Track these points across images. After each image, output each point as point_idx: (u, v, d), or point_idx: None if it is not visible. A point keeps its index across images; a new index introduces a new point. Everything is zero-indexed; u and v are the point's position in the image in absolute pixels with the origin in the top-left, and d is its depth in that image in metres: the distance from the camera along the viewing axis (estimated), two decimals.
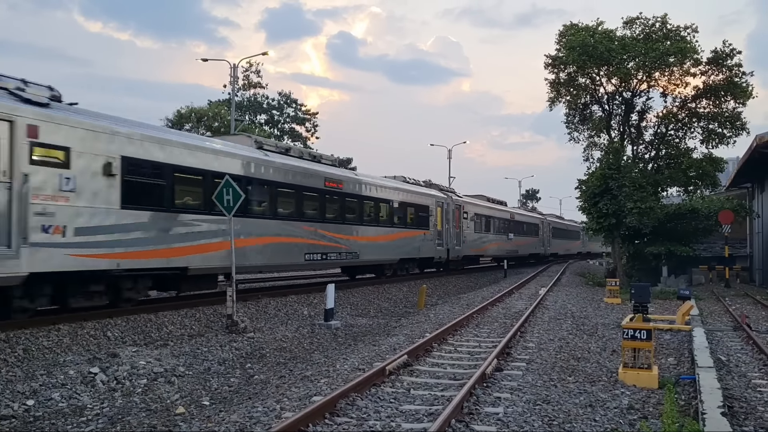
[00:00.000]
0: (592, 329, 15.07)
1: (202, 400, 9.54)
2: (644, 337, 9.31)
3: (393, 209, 25.78)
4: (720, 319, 17.55)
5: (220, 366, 11.78)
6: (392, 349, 11.63)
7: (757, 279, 36.08)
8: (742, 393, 8.83)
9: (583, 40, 28.98)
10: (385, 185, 25.80)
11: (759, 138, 25.21)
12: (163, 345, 12.78)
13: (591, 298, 22.90)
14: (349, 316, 18.63)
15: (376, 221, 24.74)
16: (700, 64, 29.52)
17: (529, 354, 11.40)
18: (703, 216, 29.71)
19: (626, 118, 32.11)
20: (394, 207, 25.86)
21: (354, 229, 22.97)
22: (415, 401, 7.99)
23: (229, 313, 14.55)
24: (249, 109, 69.68)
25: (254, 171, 17.71)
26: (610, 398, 8.44)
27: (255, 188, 17.76)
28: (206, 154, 16.04)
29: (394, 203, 25.99)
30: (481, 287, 30.10)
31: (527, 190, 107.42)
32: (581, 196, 29.42)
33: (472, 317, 16.23)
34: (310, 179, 20.31)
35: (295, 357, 12.76)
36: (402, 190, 26.99)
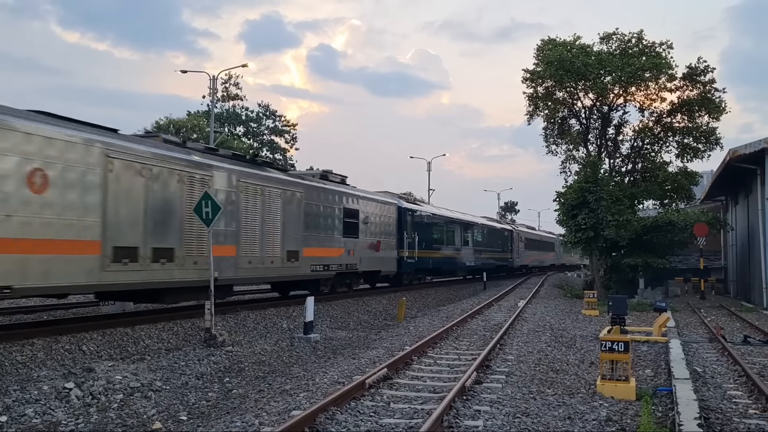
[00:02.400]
0: (570, 341, 15.17)
1: (179, 415, 9.42)
2: (622, 349, 9.40)
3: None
4: (696, 331, 17.77)
5: (198, 380, 11.64)
6: (372, 362, 11.59)
7: (731, 291, 36.64)
8: (717, 404, 8.93)
9: (560, 54, 29.37)
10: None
11: (732, 152, 25.70)
12: (140, 359, 12.60)
13: (569, 311, 23.07)
14: (329, 329, 18.55)
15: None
16: (675, 80, 30.05)
17: (508, 366, 11.44)
18: (678, 228, 30.14)
19: (603, 131, 32.54)
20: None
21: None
22: (395, 415, 7.97)
23: (207, 326, 14.41)
24: (228, 120, 69.44)
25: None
26: (588, 410, 8.48)
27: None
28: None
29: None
30: (460, 299, 30.16)
31: (506, 203, 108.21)
32: (559, 208, 29.69)
33: (452, 330, 16.25)
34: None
35: (274, 371, 12.66)
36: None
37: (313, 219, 21.45)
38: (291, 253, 19.95)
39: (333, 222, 22.94)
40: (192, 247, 15.58)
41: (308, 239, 20.99)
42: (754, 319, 20.70)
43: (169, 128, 61.59)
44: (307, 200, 21.08)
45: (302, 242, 20.65)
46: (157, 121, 62.42)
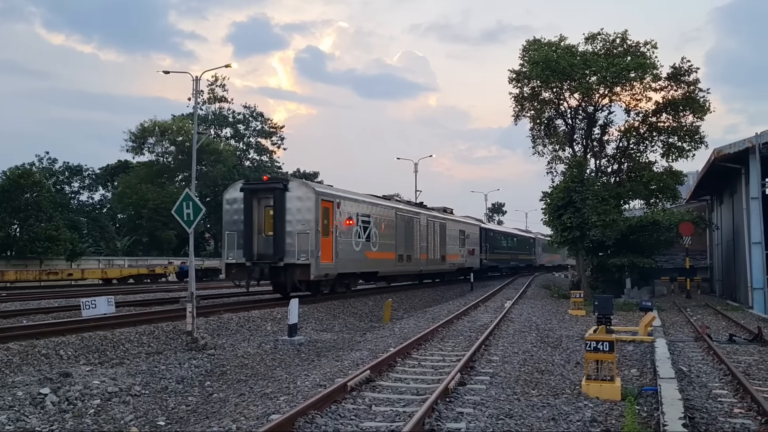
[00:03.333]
0: (556, 341, 15.08)
1: (157, 421, 9.23)
2: (607, 349, 9.29)
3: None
4: (681, 330, 17.75)
5: (178, 384, 11.43)
6: (355, 364, 11.43)
7: (717, 290, 36.79)
8: (702, 403, 8.85)
9: (545, 55, 29.37)
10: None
11: (717, 152, 25.77)
12: (119, 363, 12.39)
13: (556, 311, 23.01)
14: (314, 331, 18.36)
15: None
16: (659, 80, 30.13)
17: (493, 367, 11.31)
18: (664, 228, 30.21)
19: (589, 132, 32.58)
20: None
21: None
22: (376, 418, 7.81)
23: (188, 329, 14.21)
24: (214, 122, 69.02)
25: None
26: (573, 411, 8.37)
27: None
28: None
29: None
30: (447, 300, 30.07)
31: (493, 204, 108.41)
32: (545, 209, 29.69)
33: (437, 331, 16.12)
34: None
35: (257, 374, 12.46)
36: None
37: (447, 237, 37.50)
38: (456, 256, 39.44)
39: (455, 238, 39.40)
40: (413, 252, 31.71)
41: (449, 249, 37.94)
42: (739, 317, 20.74)
43: (154, 130, 61.22)
44: (448, 226, 37.96)
45: (457, 250, 39.70)
46: (141, 123, 62.00)
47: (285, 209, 21.68)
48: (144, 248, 60.17)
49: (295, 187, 22.20)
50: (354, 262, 25.21)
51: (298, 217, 21.69)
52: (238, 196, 22.55)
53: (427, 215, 34.19)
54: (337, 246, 23.25)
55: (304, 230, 21.51)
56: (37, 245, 43.30)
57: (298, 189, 22.12)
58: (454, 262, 38.67)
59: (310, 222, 21.57)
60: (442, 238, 36.04)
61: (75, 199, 63.25)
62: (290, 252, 21.50)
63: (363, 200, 26.45)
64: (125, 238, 61.20)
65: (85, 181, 64.18)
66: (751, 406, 8.60)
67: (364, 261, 26.04)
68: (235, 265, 22.24)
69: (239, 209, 22.40)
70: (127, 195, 57.37)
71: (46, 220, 45.15)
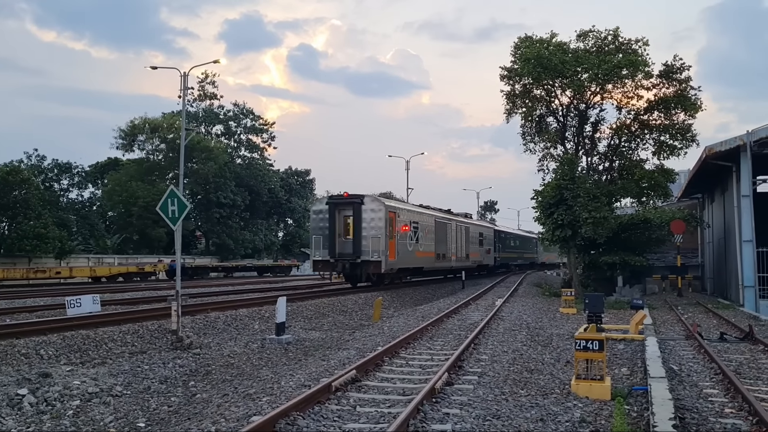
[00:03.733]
0: (546, 340, 14.93)
1: (137, 422, 9.01)
2: (596, 348, 9.14)
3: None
4: (672, 328, 17.64)
5: (162, 384, 11.21)
6: (342, 363, 11.24)
7: (708, 288, 36.80)
8: (693, 403, 8.70)
9: (537, 52, 29.19)
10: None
11: (708, 149, 25.70)
12: (100, 363, 12.16)
13: (547, 309, 22.88)
14: (302, 329, 18.17)
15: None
16: (651, 77, 30.01)
17: (481, 367, 11.14)
18: (655, 226, 30.11)
19: (580, 129, 32.43)
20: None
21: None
22: (360, 419, 7.62)
23: (173, 328, 13.99)
24: (205, 120, 68.57)
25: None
26: (562, 411, 8.20)
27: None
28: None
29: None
30: (438, 298, 29.91)
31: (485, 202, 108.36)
32: (537, 206, 29.55)
33: (427, 329, 15.94)
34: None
35: (242, 373, 12.25)
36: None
37: (471, 238, 44.15)
38: (476, 254, 45.82)
39: (475, 240, 46.04)
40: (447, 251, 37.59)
41: (472, 248, 44.56)
42: (730, 315, 20.67)
43: (144, 128, 60.75)
44: (472, 230, 45.20)
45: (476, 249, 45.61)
46: (132, 121, 61.50)
47: (361, 219, 27.97)
48: (134, 246, 59.74)
49: (368, 201, 28.57)
50: (409, 259, 32.00)
51: (371, 224, 28.04)
52: (324, 208, 29.06)
53: (456, 221, 40.93)
54: (398, 247, 29.92)
55: (376, 235, 27.88)
56: (26, 243, 42.87)
57: (371, 203, 28.58)
58: (475, 260, 45.99)
59: (380, 228, 27.92)
60: (466, 240, 43.06)
61: (64, 197, 62.68)
62: (366, 251, 27.83)
63: (413, 210, 33.80)
64: (115, 236, 60.72)
65: (74, 179, 63.59)
66: (743, 406, 8.46)
67: (414, 259, 32.91)
68: (321, 261, 28.65)
69: (325, 218, 28.73)
70: (117, 192, 56.86)
71: (35, 218, 44.72)
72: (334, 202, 28.81)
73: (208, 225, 64.99)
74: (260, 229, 70.14)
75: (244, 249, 66.31)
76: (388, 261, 28.43)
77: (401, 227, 30.30)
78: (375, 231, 27.92)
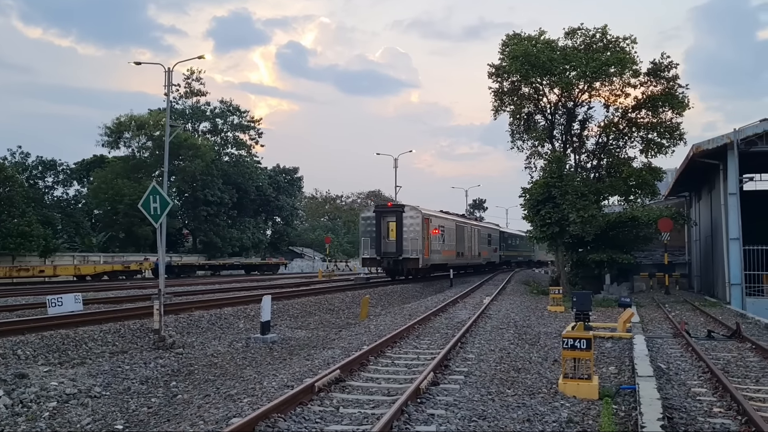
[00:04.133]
0: (534, 339, 14.82)
1: (115, 424, 8.79)
2: (584, 347, 9.01)
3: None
4: (660, 326, 17.59)
5: (142, 385, 10.99)
6: (326, 363, 11.04)
7: (695, 286, 36.92)
8: (681, 403, 8.59)
9: (525, 49, 29.07)
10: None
11: (696, 147, 25.72)
12: (80, 363, 11.91)
13: (535, 307, 22.79)
14: (288, 328, 17.97)
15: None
16: (639, 75, 29.98)
17: (468, 366, 10.98)
18: (643, 224, 30.09)
19: (568, 127, 32.34)
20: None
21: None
22: (342, 420, 7.43)
23: (156, 327, 13.74)
24: (192, 117, 67.96)
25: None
26: (549, 411, 8.07)
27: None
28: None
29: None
30: (425, 296, 29.76)
31: (474, 200, 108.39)
32: (525, 204, 29.45)
33: (413, 328, 15.78)
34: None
35: (225, 373, 12.05)
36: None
37: (481, 239, 50.31)
38: (486, 253, 51.77)
39: (485, 240, 52.44)
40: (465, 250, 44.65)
41: (483, 247, 50.76)
42: (717, 313, 20.67)
43: (130, 125, 60.16)
44: (482, 232, 51.23)
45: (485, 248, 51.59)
46: (117, 118, 60.87)
47: (402, 224, 34.73)
48: (120, 244, 59.15)
49: (408, 209, 35.36)
50: (438, 257, 38.18)
51: (410, 229, 34.71)
52: (371, 215, 35.97)
53: (471, 224, 48.75)
54: (431, 247, 36.30)
55: (414, 237, 34.59)
56: (9, 241, 42.27)
57: (410, 211, 35.24)
58: (485, 257, 52.59)
59: (418, 232, 34.65)
60: (478, 240, 49.99)
61: (49, 195, 61.95)
62: (406, 251, 34.50)
63: (440, 216, 40.17)
64: (101, 234, 60.06)
65: (59, 176, 62.81)
66: (731, 406, 8.35)
67: (442, 257, 39.13)
68: (369, 258, 35.76)
69: (372, 224, 35.47)
70: (103, 190, 56.24)
71: (19, 216, 44.10)
72: (380, 210, 35.85)
73: (195, 223, 64.47)
74: (248, 227, 69.66)
75: (231, 247, 65.84)
76: (424, 258, 34.97)
77: (432, 230, 36.62)
78: (413, 234, 34.56)
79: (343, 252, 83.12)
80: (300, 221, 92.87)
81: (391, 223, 34.88)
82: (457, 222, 43.99)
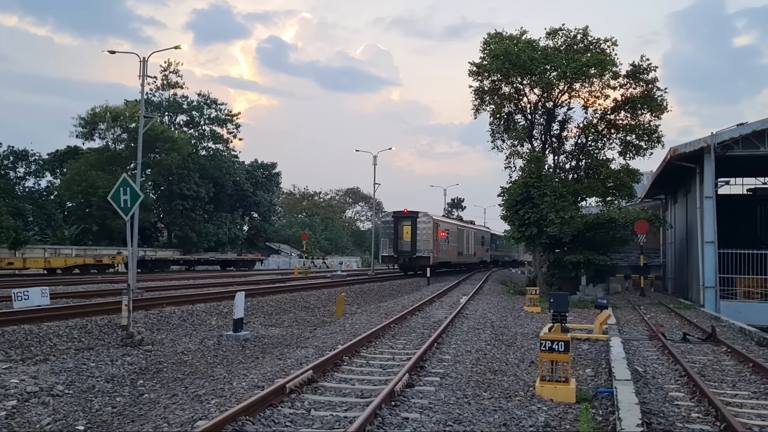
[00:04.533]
0: (511, 339, 14.67)
1: (76, 425, 8.41)
2: (562, 349, 8.85)
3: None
4: (636, 328, 17.57)
5: (107, 383, 10.59)
6: (299, 363, 10.76)
7: (669, 288, 37.21)
8: (659, 407, 8.47)
9: (506, 48, 28.99)
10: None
11: (673, 150, 25.82)
12: (43, 360, 11.48)
13: (511, 307, 22.70)
14: (262, 326, 17.63)
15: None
16: (618, 77, 30.06)
17: (444, 367, 10.77)
18: (620, 226, 30.19)
19: (548, 127, 32.37)
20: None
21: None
22: (313, 424, 7.16)
23: (124, 323, 13.34)
24: (168, 109, 66.94)
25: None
26: (525, 415, 7.88)
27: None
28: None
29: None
30: (402, 295, 29.57)
31: (453, 199, 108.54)
32: (503, 204, 29.39)
33: (389, 327, 15.55)
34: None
35: (195, 372, 11.70)
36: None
37: (476, 240, 56.46)
38: (479, 252, 58.54)
39: (479, 241, 58.38)
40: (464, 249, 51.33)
41: (477, 248, 57.23)
42: (692, 316, 20.75)
43: (105, 116, 59.09)
44: (477, 234, 57.40)
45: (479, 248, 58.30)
46: (92, 108, 59.73)
47: (417, 227, 41.20)
48: (94, 237, 58.06)
49: (421, 215, 41.80)
50: (444, 256, 45.03)
51: (423, 231, 41.18)
52: (390, 219, 42.88)
53: (468, 228, 55.74)
54: (439, 247, 42.74)
55: (426, 239, 40.97)
56: None
57: (423, 217, 41.75)
58: (479, 257, 59.74)
59: (430, 234, 41.08)
60: (474, 242, 56.63)
61: (20, 185, 60.59)
62: (419, 250, 40.96)
63: (447, 221, 48.69)
64: (73, 226, 58.90)
65: (31, 167, 61.48)
66: (709, 411, 8.24)
67: (447, 256, 45.94)
68: (387, 256, 42.67)
69: (390, 227, 42.46)
70: (76, 182, 55.07)
71: None
72: (397, 216, 42.29)
73: (170, 217, 63.57)
74: (224, 222, 68.88)
75: (207, 242, 65.04)
76: (434, 257, 41.28)
77: (440, 233, 43.17)
78: (426, 236, 40.93)
79: (321, 249, 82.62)
80: (277, 217, 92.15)
81: (407, 227, 41.32)
82: (458, 226, 51.47)
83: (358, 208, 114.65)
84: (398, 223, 41.65)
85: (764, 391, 9.83)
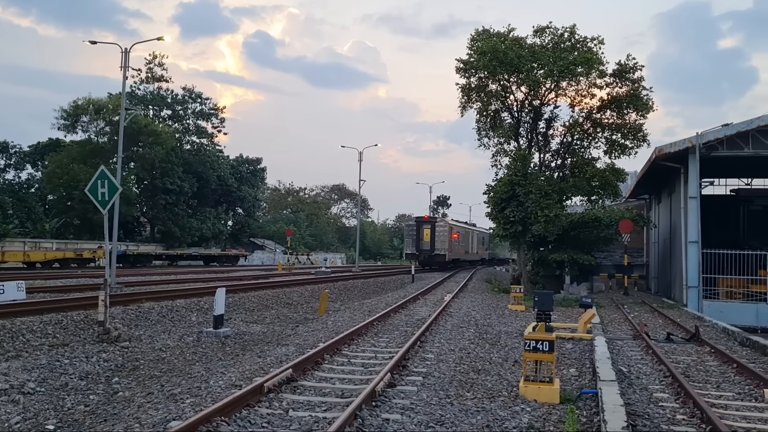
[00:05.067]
0: (494, 338, 14.54)
1: (47, 424, 8.13)
2: (546, 349, 8.71)
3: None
4: (620, 327, 17.52)
5: (81, 381, 10.30)
6: (279, 361, 10.54)
7: (652, 287, 37.35)
8: (644, 409, 8.35)
9: (494, 45, 28.84)
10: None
11: (659, 150, 25.85)
12: (15, 356, 11.16)
13: (496, 305, 22.60)
14: (243, 322, 17.35)
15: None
16: (605, 76, 30.04)
17: (426, 367, 10.60)
18: (604, 225, 30.21)
19: (534, 126, 32.30)
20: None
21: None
22: (291, 425, 6.94)
23: (100, 319, 13.02)
24: (152, 103, 66.15)
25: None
26: (509, 416, 7.73)
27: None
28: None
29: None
30: (386, 292, 29.40)
31: (438, 197, 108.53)
32: (489, 202, 29.28)
33: (372, 325, 15.36)
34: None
35: (172, 369, 11.42)
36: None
37: (478, 240, 67.69)
38: (480, 251, 70.42)
39: (480, 241, 69.34)
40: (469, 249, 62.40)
41: (479, 247, 69.06)
42: (675, 315, 20.76)
43: (88, 108, 58.28)
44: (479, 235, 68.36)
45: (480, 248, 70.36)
46: (75, 101, 58.88)
47: (435, 230, 50.21)
48: (75, 231, 57.26)
49: (439, 220, 52.87)
50: (456, 254, 53.91)
51: (440, 233, 50.13)
52: (413, 224, 52.70)
53: (472, 229, 65.06)
54: (453, 247, 52.25)
55: (443, 239, 49.96)
56: None
57: (441, 221, 52.37)
58: (480, 255, 69.54)
59: (446, 236, 50.35)
60: (477, 242, 66.40)
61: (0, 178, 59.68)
62: (437, 248, 49.94)
63: (458, 225, 57.57)
64: (54, 219, 58.08)
65: (11, 159, 60.55)
66: (694, 413, 8.14)
67: (458, 254, 55.25)
68: (410, 253, 51.95)
69: (413, 229, 51.81)
70: (58, 175, 54.26)
71: None
72: (419, 221, 52.04)
73: (153, 211, 62.85)
74: (208, 217, 68.22)
75: (190, 237, 64.37)
76: (449, 254, 51.28)
77: (453, 235, 52.88)
78: (443, 237, 50.19)
79: (305, 245, 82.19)
80: (262, 213, 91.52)
81: (426, 230, 50.60)
82: (466, 228, 61.71)
83: (344, 205, 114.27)
84: (420, 226, 51.12)
85: (748, 392, 9.76)
